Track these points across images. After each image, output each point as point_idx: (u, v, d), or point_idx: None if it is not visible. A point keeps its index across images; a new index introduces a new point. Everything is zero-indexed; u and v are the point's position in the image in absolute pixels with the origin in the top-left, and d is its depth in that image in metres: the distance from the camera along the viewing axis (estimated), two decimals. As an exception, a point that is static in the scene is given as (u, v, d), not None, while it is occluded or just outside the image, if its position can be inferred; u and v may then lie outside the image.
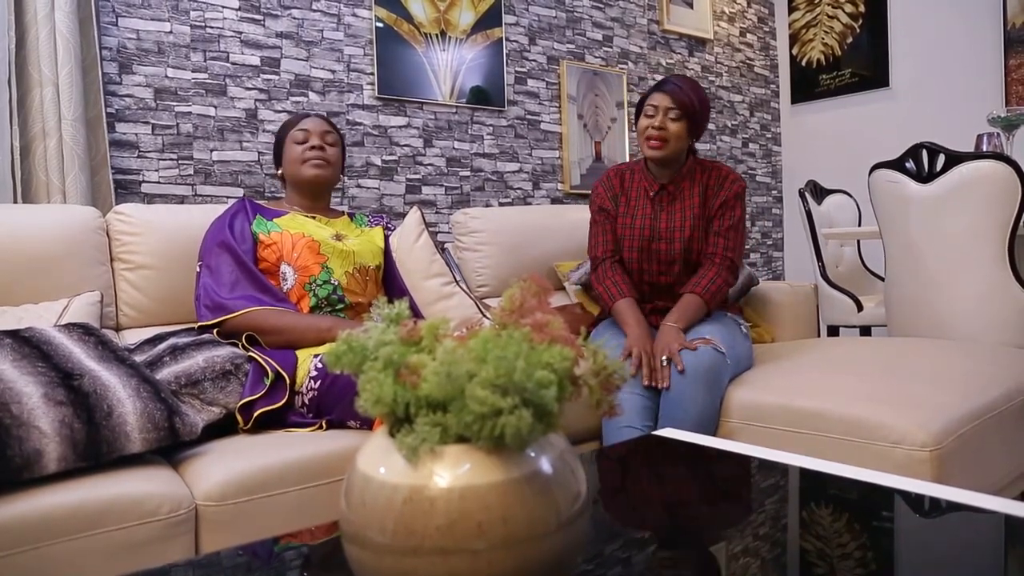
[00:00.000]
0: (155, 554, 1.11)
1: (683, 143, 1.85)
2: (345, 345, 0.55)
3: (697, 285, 1.80)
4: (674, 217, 1.87)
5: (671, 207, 1.89)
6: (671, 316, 1.76)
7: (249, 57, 2.44)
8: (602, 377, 0.54)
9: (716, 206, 1.86)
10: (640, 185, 1.93)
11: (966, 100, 3.47)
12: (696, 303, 1.78)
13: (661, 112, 1.82)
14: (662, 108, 1.82)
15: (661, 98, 1.83)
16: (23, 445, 1.08)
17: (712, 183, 1.88)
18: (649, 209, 1.90)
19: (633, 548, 0.80)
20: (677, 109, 1.81)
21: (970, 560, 0.74)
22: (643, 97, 1.89)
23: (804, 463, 0.99)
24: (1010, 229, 1.99)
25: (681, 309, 1.77)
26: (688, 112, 1.82)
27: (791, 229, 4.25)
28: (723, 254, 1.84)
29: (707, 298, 1.79)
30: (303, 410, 1.51)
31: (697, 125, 1.86)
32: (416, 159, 2.81)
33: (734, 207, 1.87)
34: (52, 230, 1.72)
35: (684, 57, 3.77)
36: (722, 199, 1.86)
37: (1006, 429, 1.54)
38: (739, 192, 1.88)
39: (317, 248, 1.70)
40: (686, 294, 1.80)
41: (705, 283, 1.80)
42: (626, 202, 1.93)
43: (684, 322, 1.74)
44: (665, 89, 1.84)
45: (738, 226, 1.87)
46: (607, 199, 1.96)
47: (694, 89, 1.85)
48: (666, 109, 1.81)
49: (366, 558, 0.51)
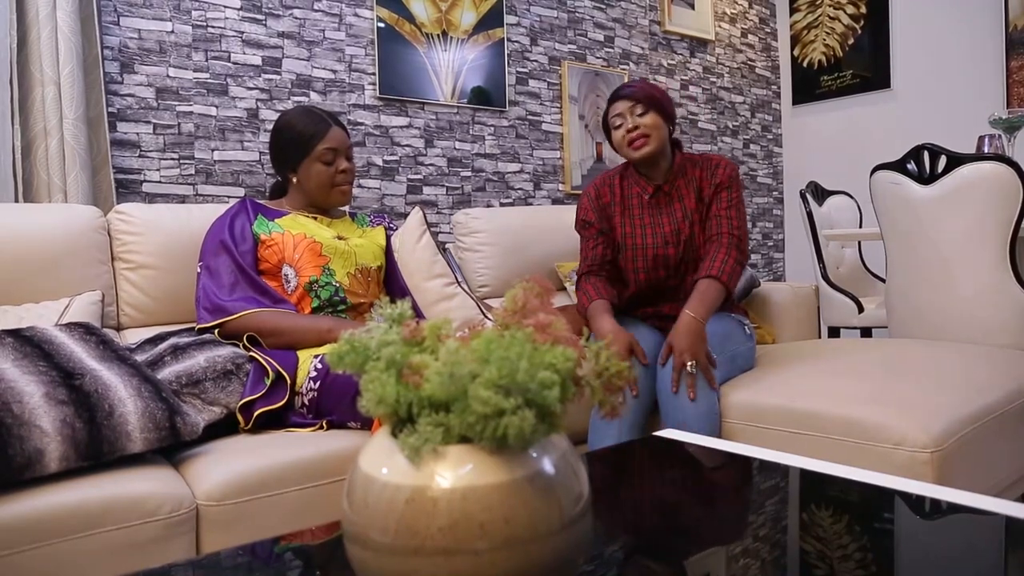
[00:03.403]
0: (156, 554, 1.11)
1: (663, 132, 1.80)
2: (348, 345, 0.55)
3: (711, 268, 1.71)
4: (675, 217, 1.83)
5: (670, 208, 1.84)
6: (691, 304, 1.66)
7: (251, 57, 2.44)
8: (605, 378, 0.54)
9: (711, 195, 1.82)
10: (633, 192, 1.88)
11: (967, 101, 3.47)
12: (715, 288, 1.69)
13: (628, 115, 1.78)
14: (627, 112, 1.78)
15: (621, 105, 1.80)
16: (24, 444, 1.08)
17: (705, 175, 1.84)
18: (648, 217, 1.85)
19: (634, 549, 0.80)
20: (641, 104, 1.77)
21: (971, 562, 0.74)
22: (604, 116, 1.86)
23: (805, 464, 0.99)
24: (1011, 231, 1.99)
25: (700, 296, 1.67)
26: (653, 102, 1.78)
27: (792, 230, 4.25)
28: (728, 232, 1.77)
29: (724, 279, 1.70)
30: (303, 410, 1.51)
31: (667, 112, 1.82)
32: (417, 159, 2.82)
33: (730, 188, 1.81)
34: (53, 229, 1.72)
35: (685, 58, 3.77)
36: (715, 185, 1.82)
37: (1007, 431, 1.54)
38: (732, 175, 1.83)
39: (319, 249, 1.70)
40: (701, 279, 1.71)
41: (719, 264, 1.71)
42: (622, 212, 1.87)
43: (706, 311, 1.65)
44: (621, 95, 1.81)
45: (738, 206, 1.81)
46: (591, 211, 1.89)
47: (647, 83, 1.83)
48: (630, 109, 1.78)
49: (368, 558, 0.51)
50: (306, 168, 1.75)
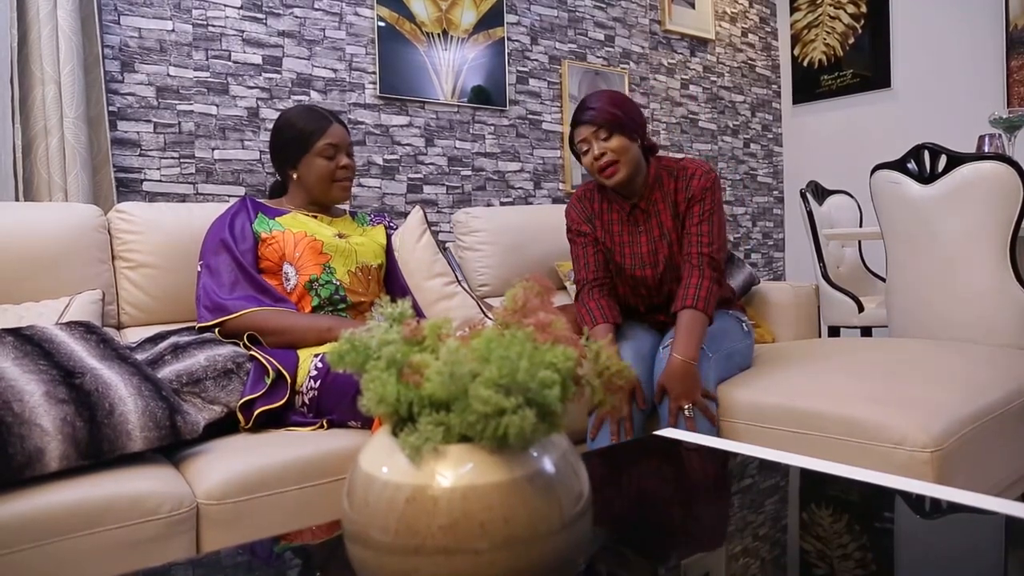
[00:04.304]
0: (156, 553, 1.11)
1: (632, 151, 1.71)
2: (348, 344, 0.55)
3: (687, 297, 1.66)
4: (652, 235, 1.78)
5: (648, 224, 1.78)
6: (678, 346, 1.60)
7: (251, 56, 2.44)
8: (605, 377, 0.54)
9: (685, 209, 1.75)
10: (612, 208, 1.82)
11: (968, 101, 3.47)
12: (696, 320, 1.64)
13: (592, 140, 1.70)
14: (590, 136, 1.70)
15: (584, 131, 1.71)
16: (25, 443, 1.08)
17: (680, 186, 1.76)
18: (626, 235, 1.80)
19: (634, 548, 0.80)
20: (604, 129, 1.69)
21: (971, 561, 0.74)
22: (570, 139, 1.78)
23: (805, 464, 0.99)
24: (1011, 230, 1.99)
25: (685, 332, 1.62)
26: (615, 124, 1.69)
27: (792, 229, 4.25)
28: (698, 252, 1.71)
29: (702, 307, 1.65)
30: (303, 410, 1.51)
31: (632, 129, 1.72)
32: (417, 158, 2.81)
33: (703, 200, 1.73)
34: (54, 228, 1.72)
35: (685, 57, 3.77)
36: (688, 199, 1.75)
37: (1007, 430, 1.54)
38: (704, 185, 1.74)
39: (320, 248, 1.70)
40: (681, 311, 1.66)
41: (692, 292, 1.66)
42: (603, 227, 1.83)
43: (694, 349, 1.60)
44: (583, 120, 1.72)
45: (711, 219, 1.73)
46: (582, 222, 1.84)
47: (610, 101, 1.72)
48: (594, 135, 1.70)
49: (368, 557, 0.51)
50: (307, 164, 1.75)
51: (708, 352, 1.66)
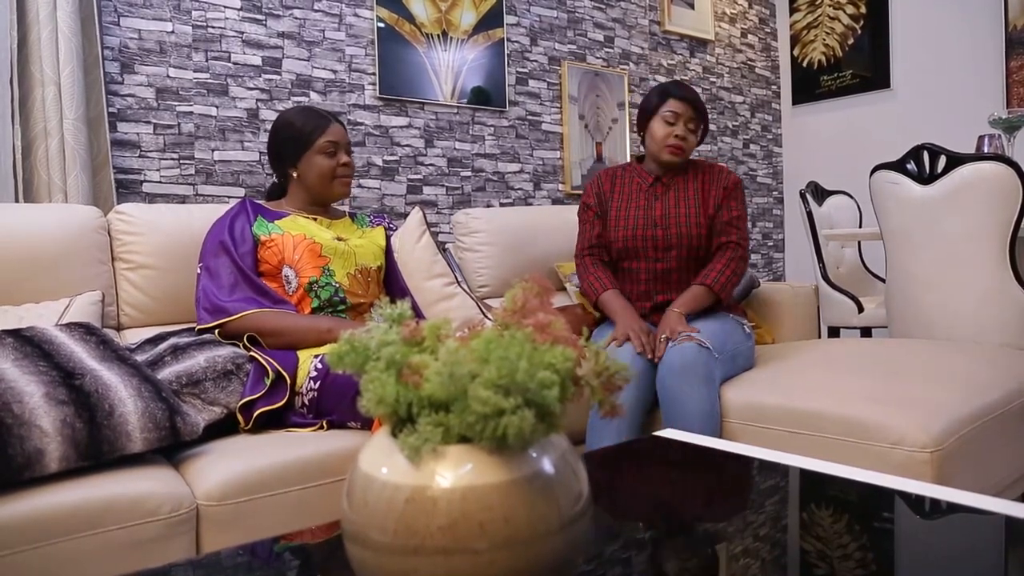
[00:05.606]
0: (156, 553, 1.12)
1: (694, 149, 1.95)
2: (348, 345, 0.55)
3: (707, 277, 1.84)
4: (669, 204, 1.92)
5: (665, 196, 1.94)
6: (678, 302, 1.80)
7: (251, 57, 2.44)
8: (604, 378, 0.54)
9: (721, 198, 1.91)
10: (633, 181, 1.99)
11: (967, 101, 3.47)
12: (703, 293, 1.83)
13: (682, 122, 1.89)
14: (684, 117, 1.89)
15: (683, 107, 1.89)
16: (24, 444, 1.08)
17: (707, 177, 1.95)
18: (643, 200, 1.95)
19: (634, 549, 0.80)
20: (696, 119, 1.91)
21: (970, 562, 0.74)
22: (655, 101, 1.92)
23: (804, 464, 0.99)
24: (1011, 230, 1.99)
25: (687, 297, 1.82)
26: (703, 121, 1.94)
27: (792, 230, 4.25)
28: (738, 241, 1.89)
29: (717, 288, 1.83)
30: (303, 410, 1.51)
31: (703, 133, 1.97)
32: (417, 159, 2.82)
33: (737, 197, 1.93)
34: (53, 230, 1.72)
35: (685, 58, 3.77)
36: (722, 191, 1.92)
37: (1007, 430, 1.54)
38: (737, 182, 1.95)
39: (319, 250, 1.70)
40: (694, 284, 1.84)
41: (714, 275, 1.84)
42: (619, 197, 1.98)
43: (687, 309, 1.79)
44: (686, 97, 1.90)
45: (744, 216, 1.93)
46: (592, 195, 2.01)
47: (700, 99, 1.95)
48: (688, 119, 1.89)
49: (367, 558, 0.51)
50: (307, 162, 1.75)
51: (715, 352, 1.67)
